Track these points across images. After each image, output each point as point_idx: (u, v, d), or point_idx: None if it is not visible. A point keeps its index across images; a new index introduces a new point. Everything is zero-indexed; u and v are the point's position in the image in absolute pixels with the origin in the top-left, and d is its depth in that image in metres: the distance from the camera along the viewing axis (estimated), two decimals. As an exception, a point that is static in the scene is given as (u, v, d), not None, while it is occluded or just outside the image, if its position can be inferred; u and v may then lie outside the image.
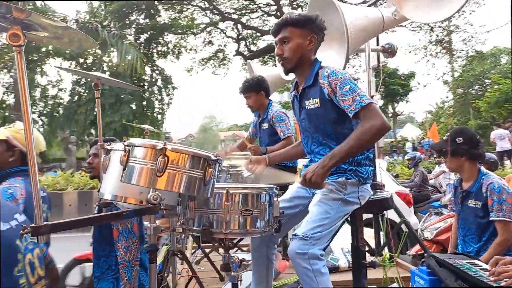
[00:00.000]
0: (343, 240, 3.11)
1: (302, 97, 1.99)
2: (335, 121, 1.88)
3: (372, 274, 2.70)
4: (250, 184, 1.93)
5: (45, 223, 1.14)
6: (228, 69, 25.68)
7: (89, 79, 21.76)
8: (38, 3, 13.65)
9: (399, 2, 2.08)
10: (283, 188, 1.96)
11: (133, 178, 1.31)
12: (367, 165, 1.93)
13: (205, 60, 25.21)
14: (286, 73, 2.02)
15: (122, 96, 20.64)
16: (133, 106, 21.70)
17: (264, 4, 22.72)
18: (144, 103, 23.02)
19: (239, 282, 1.66)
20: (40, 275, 1.14)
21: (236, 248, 3.61)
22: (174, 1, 23.31)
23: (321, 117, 1.90)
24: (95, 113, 20.98)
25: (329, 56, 2.53)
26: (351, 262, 3.25)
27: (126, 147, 1.32)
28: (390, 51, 3.33)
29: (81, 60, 22.21)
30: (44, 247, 1.30)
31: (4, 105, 22.10)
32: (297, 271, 1.68)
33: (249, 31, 23.54)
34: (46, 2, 16.23)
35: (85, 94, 21.35)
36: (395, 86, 23.75)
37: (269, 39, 25.13)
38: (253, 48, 25.00)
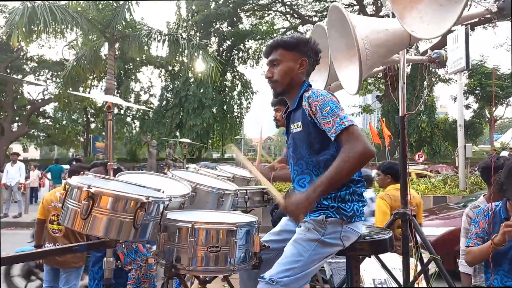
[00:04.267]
0: (375, 269, 2.83)
1: (289, 120, 1.85)
2: (318, 147, 1.69)
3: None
4: (223, 217, 1.81)
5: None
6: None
7: (176, 85, 23.39)
8: (127, 16, 14.90)
9: (401, 13, 1.77)
10: None
11: (66, 219, 1.31)
12: (354, 201, 1.69)
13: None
14: (276, 96, 1.90)
15: (204, 101, 21.72)
16: (214, 111, 22.69)
17: (346, 5, 22.01)
18: (225, 107, 23.95)
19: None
20: None
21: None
22: (255, 7, 23.83)
23: (303, 142, 1.73)
24: (180, 116, 22.43)
25: (348, 76, 2.32)
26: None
27: (66, 186, 1.33)
28: (438, 62, 2.95)
29: (169, 68, 23.91)
30: None
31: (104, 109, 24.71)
32: None
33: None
34: (139, 14, 17.76)
35: (172, 100, 22.92)
36: (493, 88, 21.23)
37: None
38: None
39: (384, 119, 19.22)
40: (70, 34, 16.27)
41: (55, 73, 22.24)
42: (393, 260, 2.88)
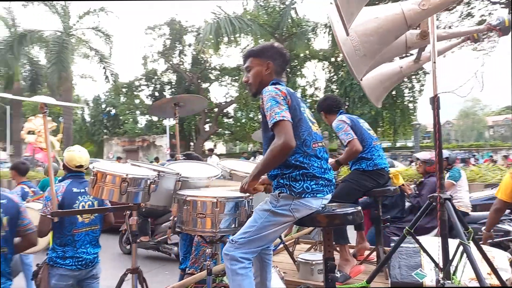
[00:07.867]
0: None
1: None
2: (272, 136, 1.96)
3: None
4: (223, 193, 2.23)
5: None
6: (495, 41, 21.61)
7: (340, 75, 23.58)
8: (293, 14, 15.82)
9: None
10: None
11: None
12: (306, 180, 1.95)
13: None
14: (253, 96, 2.27)
15: (370, 89, 21.18)
16: (382, 97, 21.85)
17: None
18: (393, 92, 22.70)
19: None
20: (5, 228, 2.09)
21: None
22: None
23: (263, 132, 2.09)
24: (346, 106, 22.46)
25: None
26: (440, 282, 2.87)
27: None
28: (499, 29, 2.60)
29: (333, 59, 24.28)
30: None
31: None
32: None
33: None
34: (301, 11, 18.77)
35: (337, 90, 23.19)
36: None
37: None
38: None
39: None
40: (244, 41, 18.41)
41: (234, 78, 25.66)
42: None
